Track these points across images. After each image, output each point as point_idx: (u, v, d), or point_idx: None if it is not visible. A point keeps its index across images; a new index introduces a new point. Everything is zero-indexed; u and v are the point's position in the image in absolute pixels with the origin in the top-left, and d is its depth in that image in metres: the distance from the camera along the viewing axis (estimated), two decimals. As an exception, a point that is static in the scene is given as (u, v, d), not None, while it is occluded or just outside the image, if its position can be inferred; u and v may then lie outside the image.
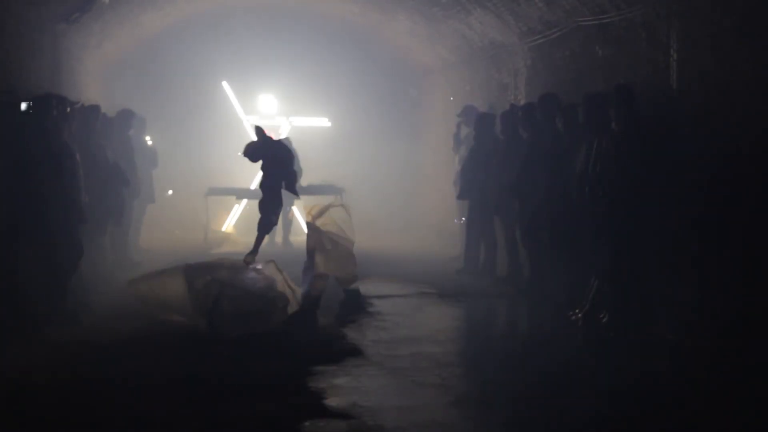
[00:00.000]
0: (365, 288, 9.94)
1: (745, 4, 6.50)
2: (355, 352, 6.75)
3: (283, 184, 8.27)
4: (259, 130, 8.30)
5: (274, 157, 8.20)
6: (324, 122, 16.47)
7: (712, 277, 6.76)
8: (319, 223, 8.12)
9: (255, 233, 8.21)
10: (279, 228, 14.26)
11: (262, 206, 8.21)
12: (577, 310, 7.60)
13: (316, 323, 7.73)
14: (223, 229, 15.46)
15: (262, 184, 8.29)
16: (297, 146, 14.41)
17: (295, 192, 8.46)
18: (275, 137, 15.69)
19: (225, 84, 16.10)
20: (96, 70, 13.27)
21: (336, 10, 14.50)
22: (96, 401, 5.36)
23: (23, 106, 4.48)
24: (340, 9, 14.39)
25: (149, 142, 12.54)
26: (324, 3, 14.15)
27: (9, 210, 7.34)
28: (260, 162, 8.24)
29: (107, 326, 7.56)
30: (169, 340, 7.14)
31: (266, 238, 14.65)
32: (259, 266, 8.01)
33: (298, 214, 15.62)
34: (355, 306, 8.55)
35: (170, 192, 14.15)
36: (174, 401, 5.36)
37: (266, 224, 8.22)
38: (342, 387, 5.73)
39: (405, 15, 13.38)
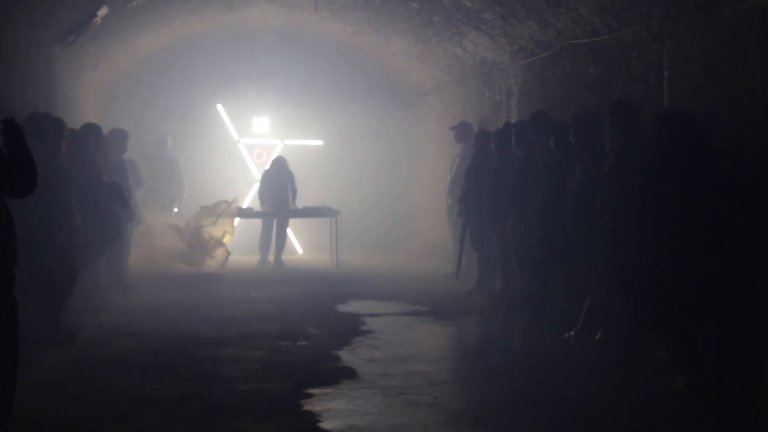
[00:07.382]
0: (358, 306, 9.95)
1: (737, 22, 6.53)
2: (348, 371, 6.74)
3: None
4: None
5: None
6: (317, 143, 16.53)
7: (710, 291, 6.73)
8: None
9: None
10: (272, 247, 14.30)
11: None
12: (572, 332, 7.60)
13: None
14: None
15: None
16: (291, 167, 14.48)
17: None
18: (267, 158, 15.84)
19: (219, 107, 16.16)
20: (91, 92, 13.30)
21: (330, 32, 14.55)
22: (87, 420, 5.35)
23: None
24: (333, 31, 14.45)
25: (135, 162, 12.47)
26: (318, 25, 14.20)
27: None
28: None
29: (100, 347, 7.53)
30: (162, 359, 7.12)
31: (258, 257, 14.73)
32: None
33: (291, 234, 15.64)
34: (347, 325, 8.54)
35: (176, 210, 14.11)
36: (166, 420, 5.34)
37: None
38: (336, 407, 5.71)
39: (399, 37, 13.44)
